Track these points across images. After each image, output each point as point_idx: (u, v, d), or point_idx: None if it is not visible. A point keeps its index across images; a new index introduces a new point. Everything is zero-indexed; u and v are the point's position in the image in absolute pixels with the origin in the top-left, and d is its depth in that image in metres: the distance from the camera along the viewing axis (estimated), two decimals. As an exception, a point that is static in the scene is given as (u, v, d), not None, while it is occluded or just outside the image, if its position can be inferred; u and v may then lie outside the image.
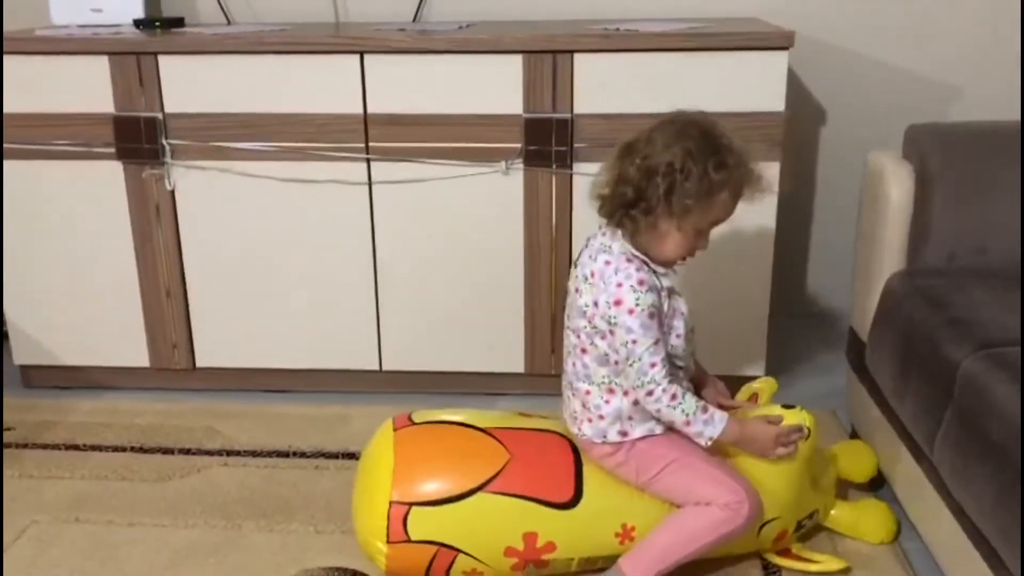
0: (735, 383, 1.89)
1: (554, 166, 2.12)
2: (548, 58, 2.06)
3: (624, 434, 1.57)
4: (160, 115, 2.15)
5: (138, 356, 2.34)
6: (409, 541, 1.55)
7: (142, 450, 2.11)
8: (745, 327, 2.21)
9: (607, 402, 1.57)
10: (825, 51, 2.46)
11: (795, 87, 2.45)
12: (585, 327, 1.56)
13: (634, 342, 1.49)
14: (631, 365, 1.50)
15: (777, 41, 2.02)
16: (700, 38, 2.05)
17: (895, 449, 1.75)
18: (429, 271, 2.23)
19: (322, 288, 2.26)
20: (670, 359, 1.56)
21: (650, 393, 1.50)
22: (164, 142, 2.17)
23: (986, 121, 2.02)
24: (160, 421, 2.24)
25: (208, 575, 1.69)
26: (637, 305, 1.48)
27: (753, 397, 1.82)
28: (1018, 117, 2.08)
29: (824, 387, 2.35)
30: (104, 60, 2.13)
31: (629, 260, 1.52)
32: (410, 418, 1.68)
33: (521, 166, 2.13)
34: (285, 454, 2.09)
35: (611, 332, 1.51)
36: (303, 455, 2.09)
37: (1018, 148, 1.82)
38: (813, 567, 1.66)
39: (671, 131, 1.49)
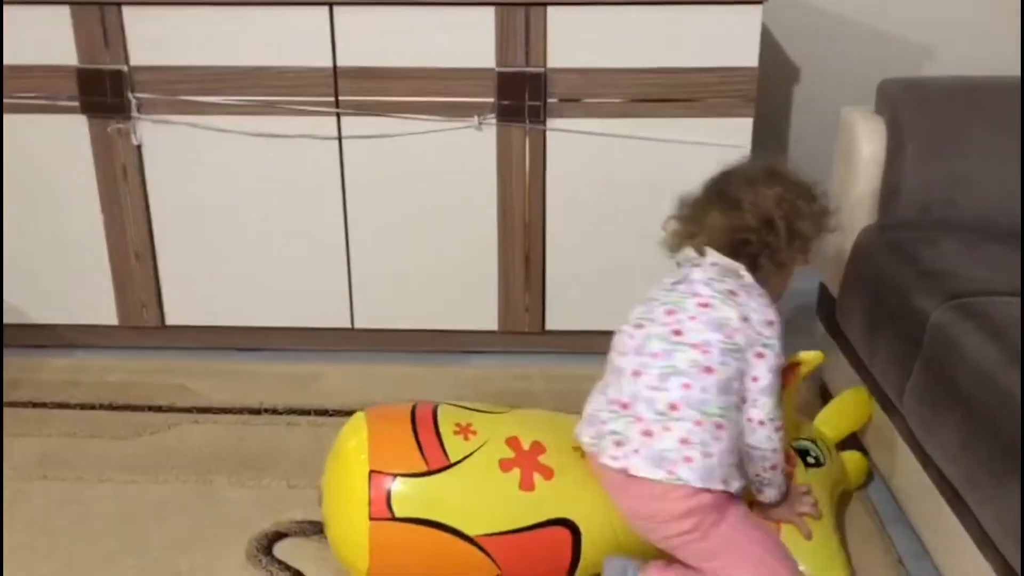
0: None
1: (527, 121, 2.10)
2: (521, 11, 2.04)
3: (727, 483, 1.33)
4: (125, 68, 2.11)
5: (106, 314, 2.31)
6: None
7: (111, 407, 2.09)
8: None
9: (717, 439, 1.32)
10: (798, 7, 2.45)
11: (769, 43, 2.44)
12: (721, 341, 1.37)
13: (779, 369, 1.40)
14: (771, 395, 1.38)
15: (751, -5, 2.01)
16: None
17: (864, 401, 1.78)
18: (401, 227, 2.21)
19: (293, 245, 2.24)
20: None
21: (778, 428, 1.39)
22: (130, 96, 2.12)
23: (957, 76, 2.03)
24: (130, 379, 2.22)
25: (181, 530, 1.69)
26: (774, 348, 1.40)
27: (795, 367, 1.71)
28: (988, 72, 2.09)
29: (796, 347, 2.36)
30: (66, 10, 2.08)
31: (769, 306, 1.44)
32: (389, 503, 1.41)
33: (494, 121, 2.11)
34: (257, 411, 2.08)
35: (760, 355, 1.38)
36: (275, 412, 2.08)
37: (987, 103, 1.83)
38: None
39: (758, 176, 1.50)
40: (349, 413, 1.60)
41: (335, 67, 2.09)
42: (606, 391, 1.42)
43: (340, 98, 2.11)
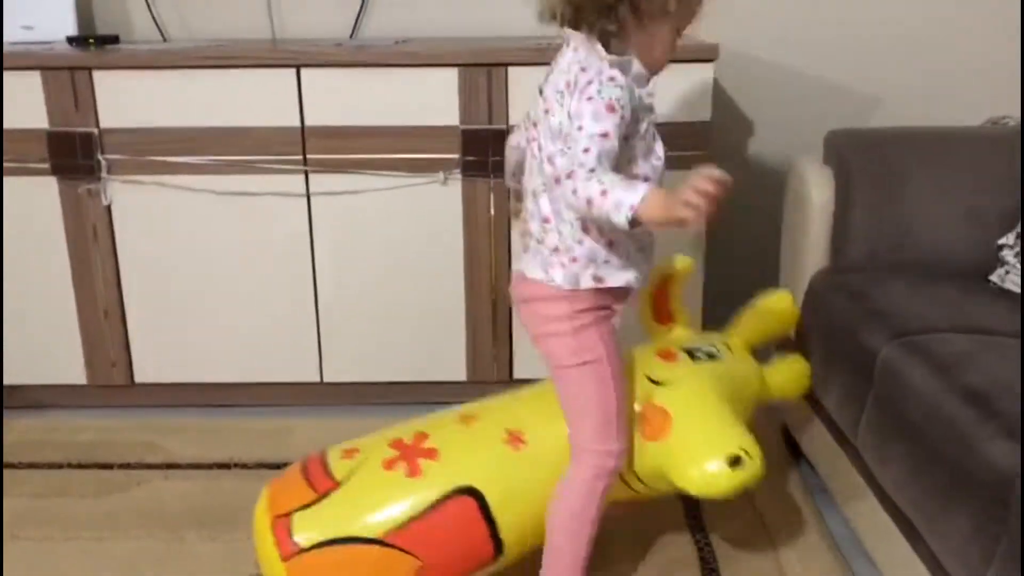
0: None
1: (491, 176, 2.17)
2: (483, 71, 2.11)
3: (600, 280, 1.44)
4: (96, 131, 2.15)
5: (75, 373, 2.32)
6: None
7: (80, 466, 2.09)
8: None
9: (580, 243, 1.43)
10: (748, 63, 2.55)
11: (721, 98, 2.53)
12: (560, 149, 1.39)
13: (579, 128, 1.32)
14: (565, 153, 1.36)
15: (702, 54, 2.10)
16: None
17: (822, 438, 1.83)
18: (369, 282, 2.25)
19: (262, 301, 2.27)
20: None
21: (569, 175, 1.33)
22: (100, 157, 2.16)
23: (900, 127, 2.13)
24: (99, 437, 2.22)
25: (151, 585, 1.69)
26: (599, 94, 1.33)
27: (666, 279, 1.73)
28: (929, 124, 2.19)
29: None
30: (36, 76, 2.12)
31: (609, 67, 1.37)
32: (292, 538, 1.44)
33: (459, 176, 2.17)
34: (227, 466, 2.09)
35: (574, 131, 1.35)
36: (245, 467, 2.09)
37: (929, 150, 1.92)
38: None
39: None
40: (319, 465, 1.63)
41: (303, 127, 2.15)
42: None
43: (308, 156, 2.16)
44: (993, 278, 1.82)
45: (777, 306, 1.82)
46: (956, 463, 1.28)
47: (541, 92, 1.47)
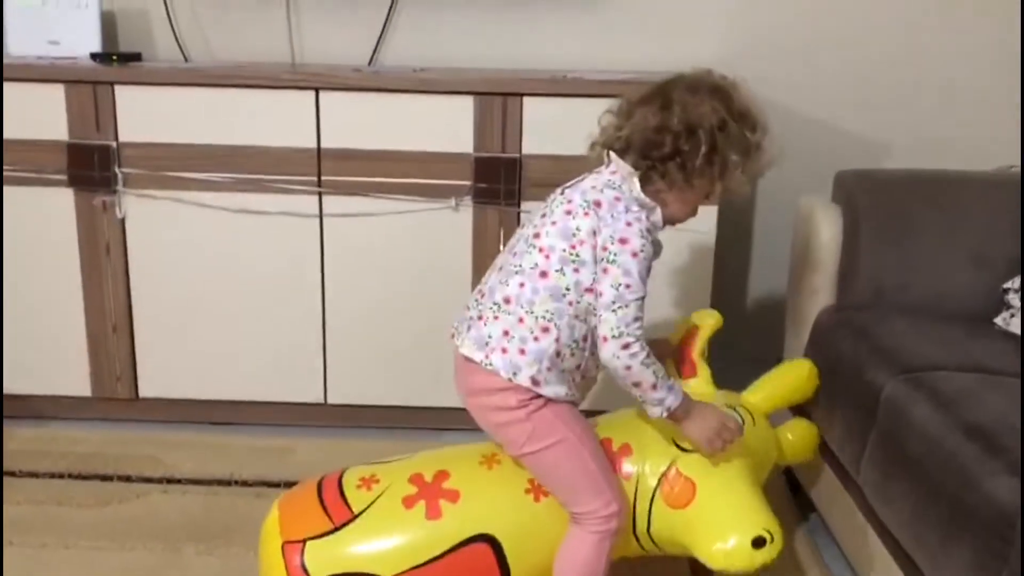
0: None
1: (502, 203, 2.19)
2: (498, 100, 2.14)
3: (536, 383, 1.42)
4: (114, 143, 2.18)
5: (80, 385, 2.32)
6: None
7: (80, 477, 2.09)
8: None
9: (536, 339, 1.42)
10: (761, 105, 2.57)
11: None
12: (564, 250, 1.43)
13: (627, 287, 1.38)
14: (615, 311, 1.38)
15: (715, 91, 2.12)
16: (642, 86, 2.14)
17: (824, 475, 1.82)
18: (377, 305, 2.27)
19: (270, 320, 2.28)
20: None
21: (627, 346, 1.37)
22: (117, 170, 2.19)
23: (908, 169, 2.15)
24: (100, 449, 2.22)
25: (145, 596, 1.68)
26: (642, 251, 1.40)
27: (692, 331, 1.69)
28: (937, 166, 2.20)
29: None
30: (60, 88, 2.16)
31: (640, 207, 1.44)
32: (304, 568, 1.43)
33: (470, 203, 2.20)
34: (227, 482, 2.09)
35: (605, 271, 1.40)
36: (245, 483, 2.09)
37: (937, 193, 1.94)
38: None
39: (703, 88, 1.46)
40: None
41: (319, 148, 2.18)
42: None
43: (323, 178, 2.19)
44: (998, 321, 1.83)
45: (798, 373, 1.77)
46: (958, 498, 1.28)
47: (563, 192, 1.51)
